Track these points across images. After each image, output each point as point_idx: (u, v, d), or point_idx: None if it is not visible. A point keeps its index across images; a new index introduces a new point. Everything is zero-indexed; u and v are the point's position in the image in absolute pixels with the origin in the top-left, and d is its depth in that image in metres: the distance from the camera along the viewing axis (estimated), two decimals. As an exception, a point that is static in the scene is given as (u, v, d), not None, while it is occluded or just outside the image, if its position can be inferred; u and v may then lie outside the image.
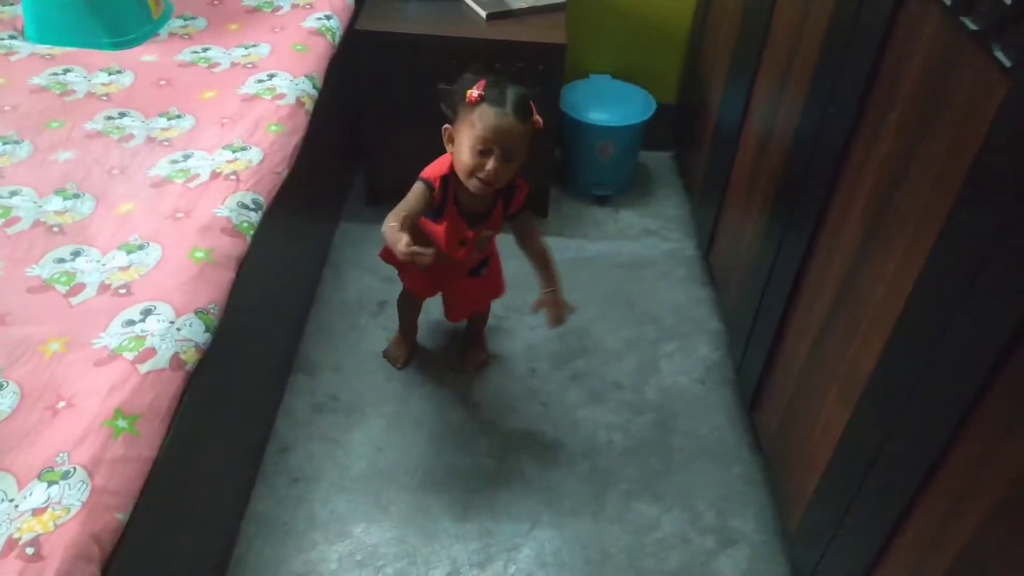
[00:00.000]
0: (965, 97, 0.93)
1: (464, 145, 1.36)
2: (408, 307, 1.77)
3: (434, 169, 1.43)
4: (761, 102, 1.67)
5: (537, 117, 1.38)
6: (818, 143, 1.33)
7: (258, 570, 1.40)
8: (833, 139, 1.27)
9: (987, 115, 0.88)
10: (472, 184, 1.38)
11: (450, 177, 1.42)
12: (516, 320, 1.91)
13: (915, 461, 0.98)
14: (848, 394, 1.19)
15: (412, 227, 1.39)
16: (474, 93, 1.34)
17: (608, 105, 2.24)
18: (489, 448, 1.64)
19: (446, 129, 1.41)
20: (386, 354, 1.81)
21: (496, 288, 1.73)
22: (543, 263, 1.53)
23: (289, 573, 1.40)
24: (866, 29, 1.17)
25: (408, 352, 1.80)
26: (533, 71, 1.98)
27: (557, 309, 1.53)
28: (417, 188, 1.41)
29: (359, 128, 2.12)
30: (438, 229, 1.48)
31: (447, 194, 1.43)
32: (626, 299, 2.00)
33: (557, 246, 2.14)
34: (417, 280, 1.67)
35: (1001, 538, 0.84)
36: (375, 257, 2.05)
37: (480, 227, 1.49)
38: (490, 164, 1.34)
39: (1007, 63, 0.84)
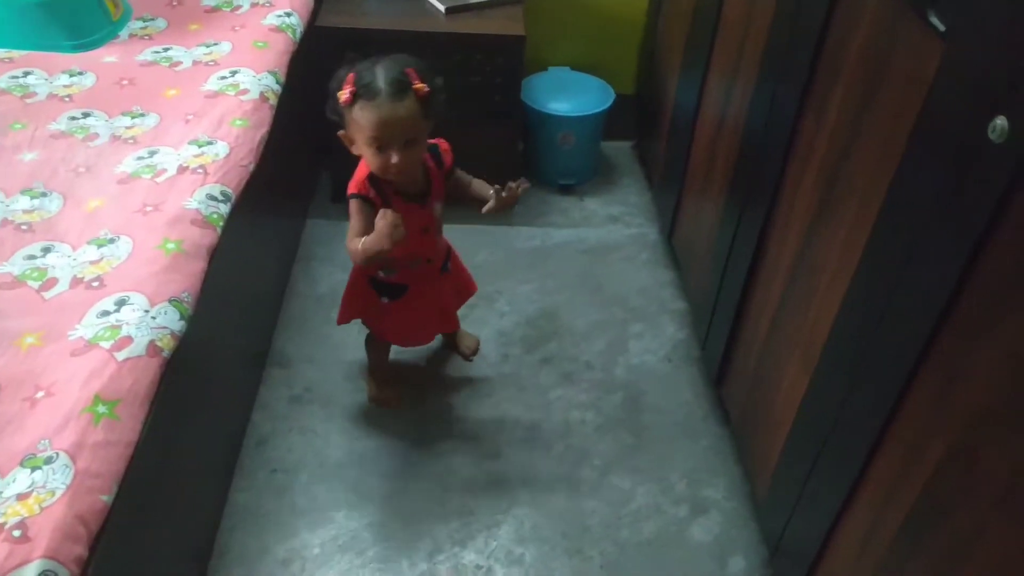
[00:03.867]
0: (905, 64, 0.98)
1: (362, 146, 1.32)
2: (380, 348, 1.70)
3: (358, 176, 1.39)
4: (715, 87, 1.73)
5: (419, 85, 1.28)
6: (770, 121, 1.38)
7: (241, 559, 1.41)
8: (783, 116, 1.32)
9: (926, 80, 0.93)
10: (389, 178, 1.35)
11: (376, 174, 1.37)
12: (486, 308, 1.94)
13: (870, 417, 1.03)
14: (807, 360, 1.23)
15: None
16: (344, 94, 1.28)
17: (568, 96, 2.29)
18: (465, 431, 1.67)
19: (341, 135, 1.37)
20: (376, 401, 1.71)
21: (468, 283, 1.70)
22: (483, 185, 1.50)
23: (272, 561, 1.42)
24: (811, 6, 1.22)
25: (397, 388, 1.73)
26: (493, 63, 2.02)
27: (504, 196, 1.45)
28: (355, 206, 1.37)
29: (324, 125, 2.13)
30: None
31: (385, 192, 1.38)
32: (593, 283, 2.04)
33: (524, 235, 2.19)
34: (396, 324, 1.59)
35: (954, 482, 0.89)
36: (344, 252, 2.07)
37: (430, 202, 1.45)
38: (394, 157, 1.29)
39: (941, 27, 0.89)
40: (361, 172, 1.39)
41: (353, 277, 1.56)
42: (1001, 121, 0.78)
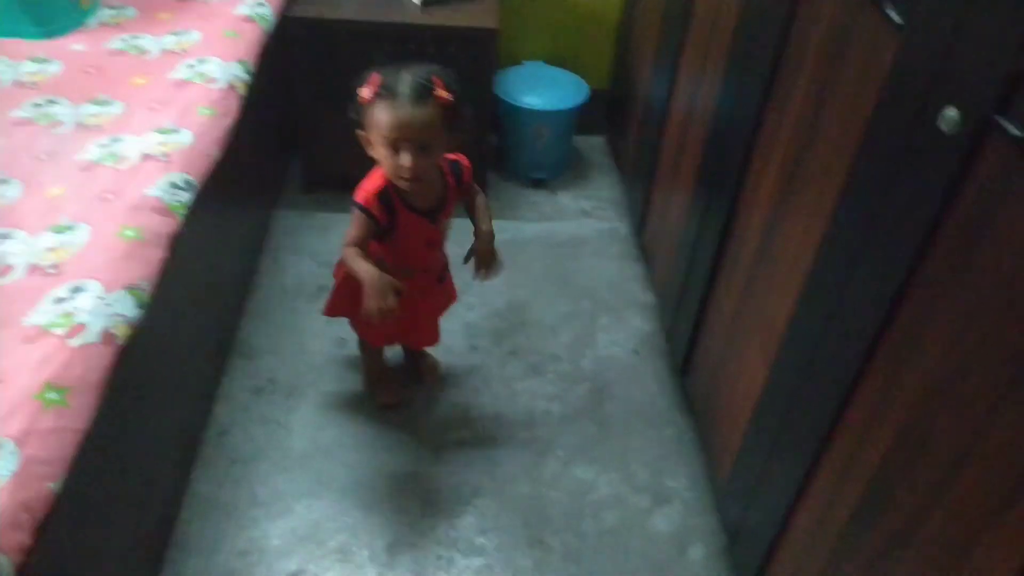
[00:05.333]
0: (864, 56, 0.99)
1: (377, 147, 1.30)
2: (374, 351, 1.68)
3: (369, 185, 1.35)
4: (684, 83, 1.73)
5: (441, 93, 1.27)
6: (735, 116, 1.39)
7: (199, 550, 1.40)
8: (748, 110, 1.33)
9: (882, 71, 0.93)
10: (401, 184, 1.32)
11: (389, 185, 1.35)
12: (455, 301, 1.94)
13: (825, 404, 1.04)
14: (767, 349, 1.24)
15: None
16: (365, 93, 1.27)
17: (542, 90, 2.29)
18: (430, 422, 1.67)
19: (360, 135, 1.33)
20: (384, 405, 1.69)
21: (452, 291, 1.68)
22: (483, 210, 1.49)
23: (231, 551, 1.41)
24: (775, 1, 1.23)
25: (398, 388, 1.72)
26: (466, 56, 2.01)
27: (486, 257, 1.47)
28: (356, 215, 1.35)
29: (294, 115, 2.12)
30: (394, 246, 1.40)
31: (393, 205, 1.36)
32: (563, 277, 2.05)
33: (496, 228, 2.16)
34: (381, 327, 1.54)
35: (903, 465, 0.90)
36: (312, 243, 2.08)
37: (440, 219, 1.42)
38: (406, 161, 1.27)
39: (898, 20, 0.90)
40: (372, 184, 1.35)
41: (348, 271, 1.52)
42: (951, 112, 0.79)
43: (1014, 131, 0.71)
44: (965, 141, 0.77)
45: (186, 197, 1.40)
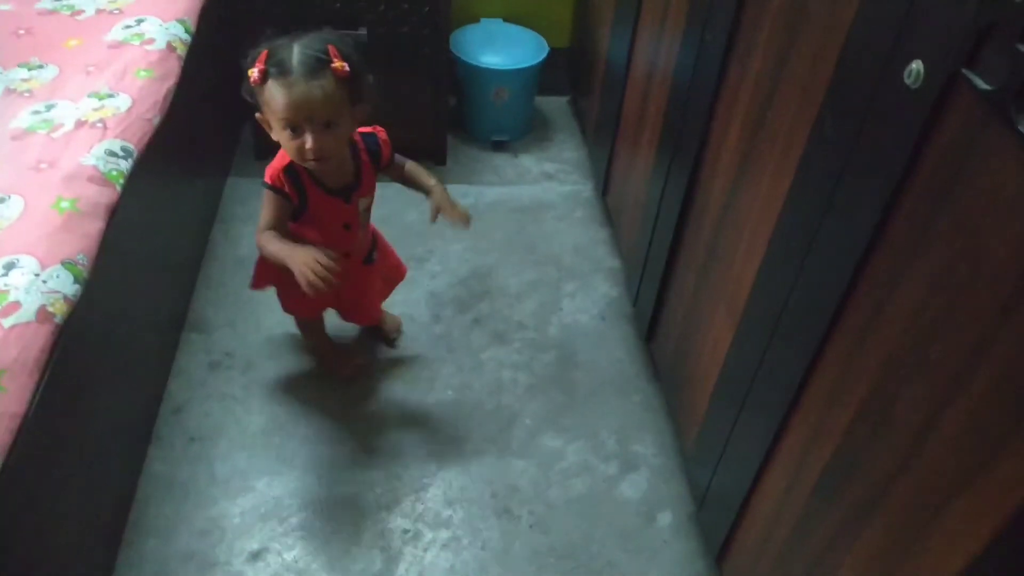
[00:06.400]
0: (824, 9, 0.96)
1: (275, 129, 1.23)
2: (313, 328, 1.62)
3: (276, 163, 1.28)
4: (645, 39, 1.69)
5: (338, 64, 1.18)
6: (696, 74, 1.35)
7: (157, 531, 1.36)
8: (709, 67, 1.29)
9: (846, 25, 0.90)
10: (308, 165, 1.24)
11: (295, 164, 1.27)
12: (417, 269, 1.89)
13: (792, 367, 1.02)
14: (732, 312, 1.22)
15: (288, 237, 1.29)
16: (254, 73, 1.18)
17: (501, 49, 2.23)
18: (393, 394, 1.63)
19: (259, 118, 1.26)
20: (342, 378, 1.64)
21: (396, 267, 1.62)
22: (419, 171, 1.43)
23: (190, 531, 1.37)
24: (735, -49, 1.18)
25: (352, 359, 1.67)
26: (420, 14, 1.94)
27: (453, 206, 1.39)
28: (266, 196, 1.29)
29: (246, 80, 2.03)
30: (309, 229, 1.34)
31: (302, 183, 1.29)
32: (527, 242, 2.01)
33: (457, 193, 2.10)
34: (305, 299, 1.50)
35: (867, 434, 0.89)
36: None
37: (355, 197, 1.35)
38: (308, 142, 1.19)
39: (859, -29, 0.87)
40: (279, 161, 1.29)
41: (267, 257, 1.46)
42: (916, 65, 0.76)
43: (982, 85, 0.68)
44: (931, 96, 0.74)
45: (124, 165, 1.33)
